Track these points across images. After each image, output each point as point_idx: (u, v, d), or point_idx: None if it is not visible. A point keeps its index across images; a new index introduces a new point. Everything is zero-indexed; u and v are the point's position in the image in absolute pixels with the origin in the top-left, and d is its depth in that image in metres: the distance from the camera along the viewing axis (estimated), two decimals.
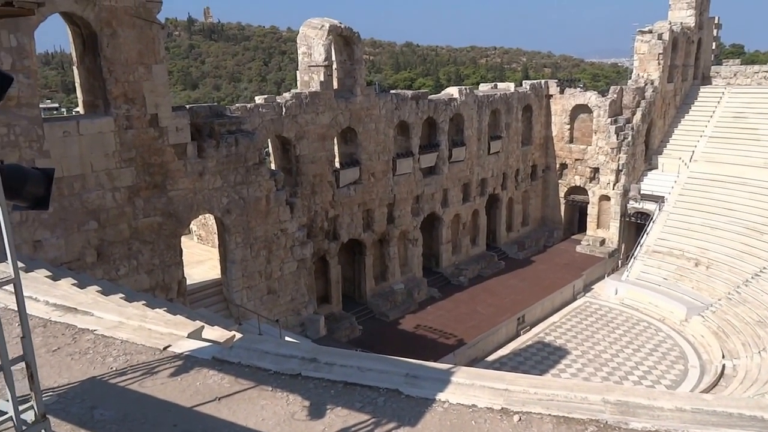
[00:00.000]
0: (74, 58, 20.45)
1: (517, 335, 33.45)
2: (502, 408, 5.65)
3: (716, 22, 51.00)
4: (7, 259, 4.27)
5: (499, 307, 34.90)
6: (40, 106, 19.32)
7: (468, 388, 6.08)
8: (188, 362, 6.82)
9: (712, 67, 50.65)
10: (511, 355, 31.54)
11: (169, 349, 7.22)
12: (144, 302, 13.30)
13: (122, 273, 20.35)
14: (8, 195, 5.55)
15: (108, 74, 19.12)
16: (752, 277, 33.68)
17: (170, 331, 7.88)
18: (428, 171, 37.21)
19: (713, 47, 51.27)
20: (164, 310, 12.01)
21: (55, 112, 78.04)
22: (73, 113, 32.27)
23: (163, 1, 20.21)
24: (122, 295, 13.49)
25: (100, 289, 13.72)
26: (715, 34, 51.14)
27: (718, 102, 46.93)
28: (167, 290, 21.53)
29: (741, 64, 52.09)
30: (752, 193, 38.67)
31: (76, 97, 22.12)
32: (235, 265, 23.58)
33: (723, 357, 29.85)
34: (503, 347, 32.22)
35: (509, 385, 6.08)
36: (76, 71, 20.55)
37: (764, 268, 33.68)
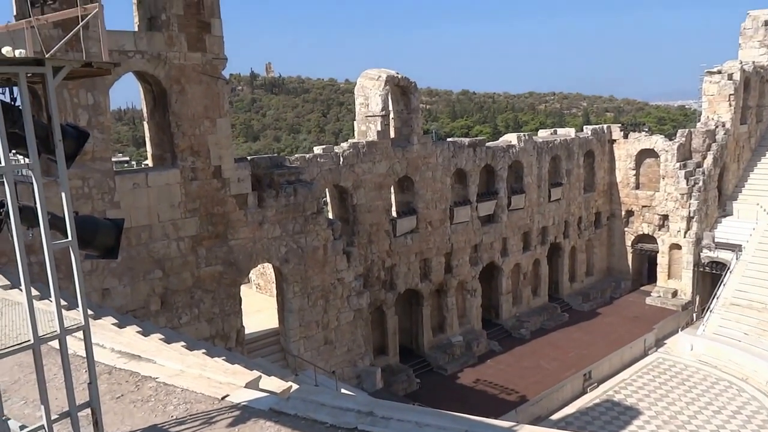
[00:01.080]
0: (145, 114, 21.56)
1: (584, 392, 31.68)
2: None
3: None
4: (78, 306, 4.34)
5: (563, 362, 33.31)
6: (112, 159, 20.32)
7: None
8: (246, 413, 6.78)
9: None
10: (578, 414, 29.80)
11: (227, 398, 7.23)
12: (204, 351, 13.41)
13: (184, 321, 20.71)
14: (81, 245, 5.72)
15: (176, 128, 20.00)
16: None
17: (229, 381, 7.92)
18: (487, 219, 36.67)
19: None
20: (223, 359, 12.08)
21: (125, 165, 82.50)
22: (143, 166, 33.85)
23: (227, 58, 21.17)
24: (183, 344, 13.65)
25: (162, 336, 13.95)
26: None
27: None
28: (226, 339, 21.72)
29: None
30: None
31: (146, 151, 23.20)
32: (292, 314, 23.60)
33: None
34: (569, 405, 30.52)
35: None
36: (146, 126, 21.62)
37: None
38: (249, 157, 23.87)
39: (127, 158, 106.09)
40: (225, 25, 21.00)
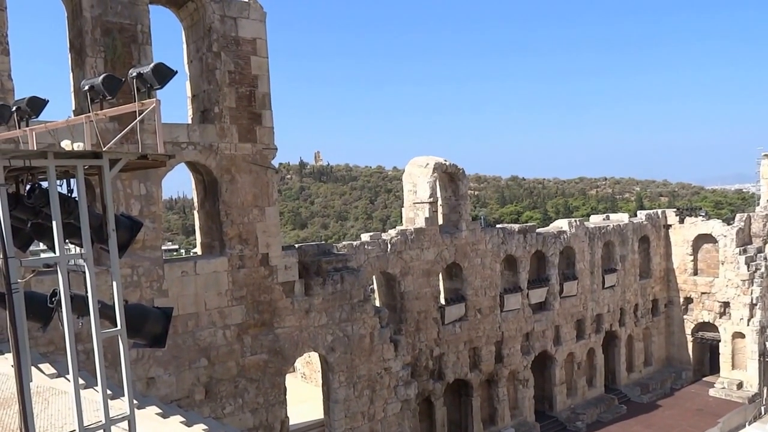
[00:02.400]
0: (195, 203, 22.16)
1: None
2: None
3: None
4: (123, 396, 4.22)
5: None
6: (162, 248, 20.77)
7: None
8: None
9: None
10: None
11: None
12: None
13: (228, 411, 20.26)
14: (129, 333, 5.69)
15: (225, 217, 20.42)
16: None
17: None
18: (538, 307, 35.50)
19: None
20: None
21: (174, 253, 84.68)
22: (192, 254, 34.59)
23: (277, 147, 21.82)
24: None
25: (206, 427, 13.62)
26: None
27: None
28: (270, 430, 21.09)
29: None
30: None
31: (195, 239, 23.69)
32: (338, 405, 22.83)
33: None
34: None
35: None
36: (196, 215, 22.17)
37: None
38: (297, 245, 24.05)
39: (176, 246, 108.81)
40: (275, 115, 21.79)
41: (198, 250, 22.66)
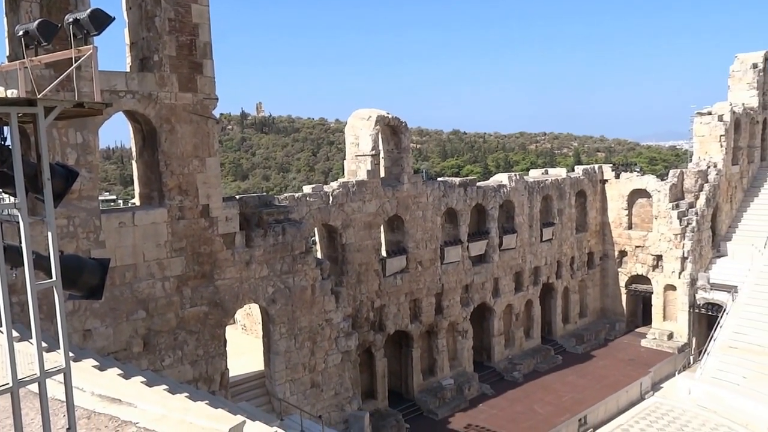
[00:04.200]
0: (134, 153, 21.42)
1: None
2: None
3: None
4: (58, 348, 4.22)
5: (557, 406, 32.61)
6: (99, 198, 20.07)
7: None
8: None
9: None
10: None
11: None
12: (187, 394, 13.05)
13: (167, 363, 20.13)
14: (65, 285, 5.57)
15: (164, 167, 19.86)
16: None
17: (212, 426, 7.81)
18: (478, 259, 36.42)
19: None
20: (206, 403, 11.78)
21: (112, 203, 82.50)
22: (130, 205, 33.55)
23: (218, 97, 21.21)
24: (166, 387, 13.32)
25: (144, 380, 13.62)
26: None
27: None
28: (210, 382, 21.11)
29: None
30: None
31: (133, 190, 22.98)
32: (278, 356, 23.03)
33: None
34: None
35: None
36: (134, 165, 21.47)
37: None
38: (238, 197, 23.66)
39: (114, 197, 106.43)
40: (217, 66, 21.19)
41: (136, 200, 22.02)
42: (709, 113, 44.05)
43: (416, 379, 32.76)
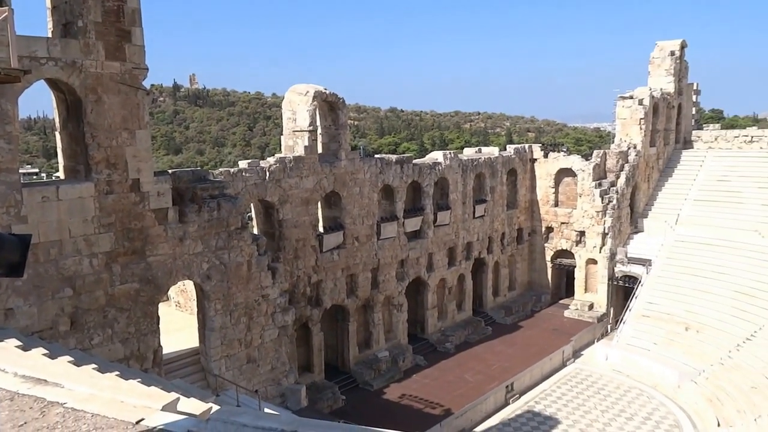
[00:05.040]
0: (57, 124, 20.42)
1: (506, 404, 32.44)
2: None
3: (695, 88, 52.83)
4: None
5: (487, 375, 34.01)
6: (20, 171, 19.08)
7: None
8: None
9: (693, 131, 52.07)
10: (500, 426, 30.45)
11: (142, 422, 6.93)
12: (117, 373, 12.80)
13: (96, 342, 19.59)
14: None
15: (91, 139, 19.04)
16: (744, 342, 33.31)
17: (144, 404, 7.62)
18: (413, 235, 37.08)
19: (693, 112, 52.86)
20: (138, 381, 11.61)
21: (34, 177, 78.11)
22: (53, 178, 32.02)
23: (148, 67, 20.43)
24: (95, 366, 13.01)
25: (72, 359, 13.24)
26: (694, 100, 52.88)
27: (701, 166, 47.97)
28: (142, 360, 20.71)
29: (721, 129, 53.56)
30: (741, 256, 38.84)
31: (57, 162, 21.94)
32: (213, 333, 22.83)
33: (718, 425, 29.03)
34: (492, 417, 31.15)
35: None
36: (58, 136, 20.47)
37: (755, 332, 33.39)
38: (170, 171, 23.01)
39: (37, 170, 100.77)
40: (147, 34, 20.34)
41: (61, 174, 21.04)
42: (631, 97, 46.23)
43: (352, 352, 33.27)
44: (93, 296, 19.37)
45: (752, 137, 48.15)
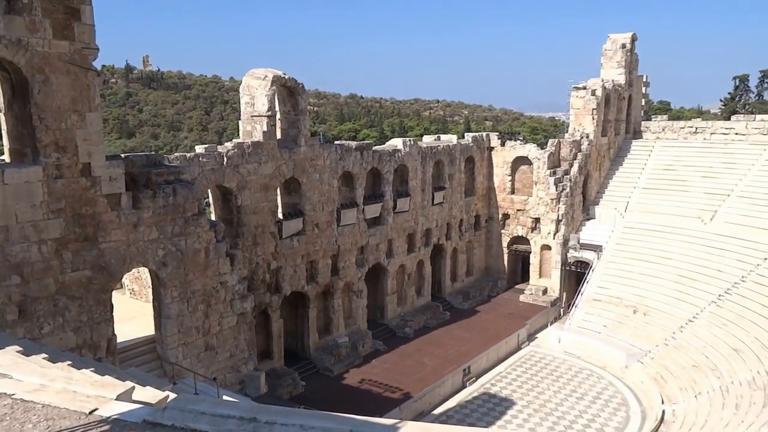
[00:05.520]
0: (1, 104, 19.58)
1: (464, 387, 33.08)
2: None
3: (645, 80, 54.34)
4: None
5: (445, 359, 34.57)
6: None
7: None
8: (116, 426, 6.43)
9: (642, 122, 53.58)
10: (458, 408, 31.07)
11: (95, 412, 6.81)
12: (69, 362, 12.48)
13: (46, 331, 19.03)
14: None
15: (38, 121, 18.35)
16: (686, 323, 34.79)
17: (97, 393, 7.50)
18: (373, 222, 37.20)
19: (642, 103, 54.39)
20: (91, 371, 11.38)
21: None
22: None
23: (99, 48, 19.77)
24: (45, 356, 12.65)
25: (20, 349, 12.83)
26: (644, 91, 54.37)
27: (649, 155, 49.51)
28: (95, 349, 20.24)
29: (668, 120, 55.34)
30: (684, 241, 40.43)
31: (2, 145, 21.07)
32: (170, 320, 22.49)
33: (662, 402, 30.33)
34: (450, 399, 31.73)
35: None
36: (2, 118, 19.63)
37: (697, 314, 34.89)
38: (123, 155, 22.38)
39: None
40: (97, 13, 19.60)
41: (6, 157, 20.21)
42: (584, 88, 47.31)
43: (312, 338, 33.30)
44: (42, 284, 18.78)
45: (697, 128, 49.95)
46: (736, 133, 47.27)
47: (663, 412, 29.19)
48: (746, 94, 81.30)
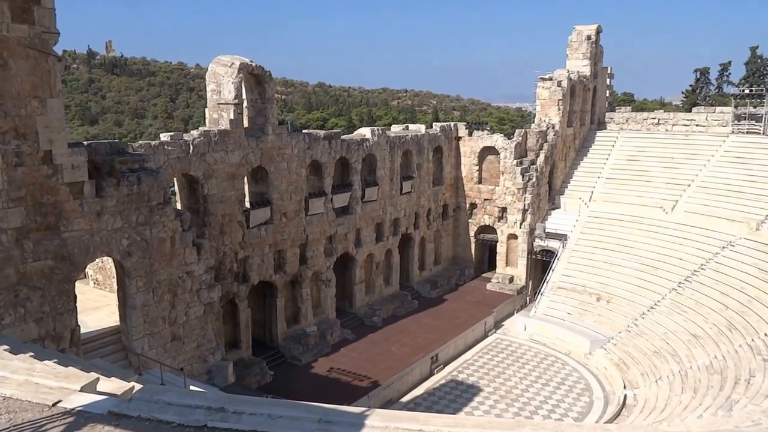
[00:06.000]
0: None
1: (431, 374, 33.50)
2: None
3: (609, 71, 55.29)
4: None
5: (413, 347, 34.91)
6: None
7: (382, 431, 5.90)
8: (81, 418, 6.41)
9: (607, 113, 54.62)
10: (426, 395, 31.47)
11: (59, 404, 6.75)
12: (32, 354, 12.23)
13: (7, 322, 18.58)
14: None
15: None
16: (648, 310, 35.81)
17: (61, 385, 7.42)
18: (341, 211, 37.18)
19: (607, 95, 55.38)
20: (54, 362, 11.17)
21: None
22: None
23: (60, 32, 19.23)
24: (6, 347, 12.39)
25: None
26: (608, 83, 55.35)
27: (613, 146, 50.53)
28: (59, 340, 19.85)
29: (632, 111, 56.47)
30: (646, 230, 41.52)
31: None
32: (135, 311, 22.16)
33: (624, 387, 31.25)
34: (418, 387, 32.12)
35: (423, 425, 5.96)
36: None
37: (658, 301, 35.94)
38: (86, 142, 21.88)
39: None
40: None
41: None
42: (550, 79, 47.93)
43: (280, 328, 33.24)
44: (3, 274, 18.30)
45: (659, 120, 51.16)
46: (697, 125, 48.59)
47: (625, 396, 30.09)
48: (707, 87, 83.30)
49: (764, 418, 16.76)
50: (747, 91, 49.40)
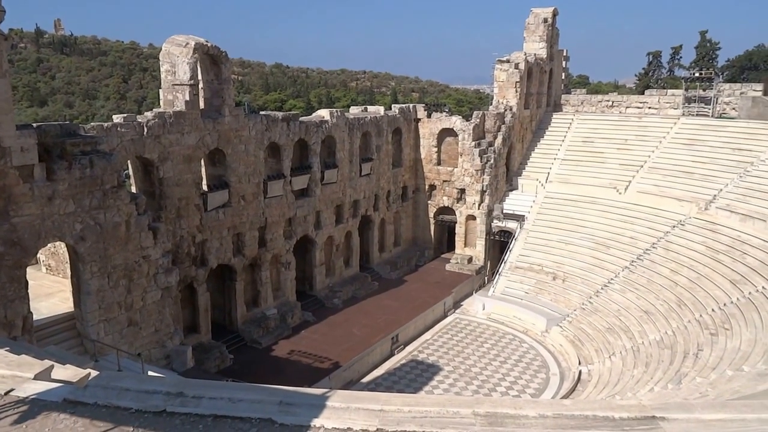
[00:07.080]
0: None
1: (392, 355, 33.94)
2: (378, 429, 5.64)
3: (565, 54, 56.14)
4: None
5: (373, 328, 35.23)
6: None
7: (343, 411, 6.03)
8: (35, 407, 6.33)
9: (563, 95, 55.51)
10: (386, 375, 31.90)
11: (12, 393, 6.65)
12: None
13: None
14: None
15: None
16: (602, 288, 36.97)
17: (13, 373, 7.32)
18: (301, 193, 36.98)
19: (563, 77, 56.28)
20: (6, 350, 10.89)
21: None
22: None
23: (6, 10, 18.43)
24: None
25: None
26: (564, 66, 56.20)
27: (569, 128, 51.52)
28: (10, 327, 19.33)
29: (587, 94, 57.59)
30: (600, 211, 42.69)
31: None
32: (90, 296, 21.72)
33: (579, 363, 32.32)
34: (378, 368, 32.52)
35: (384, 405, 6.09)
36: None
37: (611, 279, 37.13)
38: (35, 124, 21.15)
39: None
40: None
41: None
42: (508, 61, 48.40)
43: (240, 311, 33.04)
44: None
45: (613, 102, 52.37)
46: (649, 107, 49.93)
47: (580, 372, 31.14)
48: (659, 70, 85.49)
49: (711, 390, 17.65)
50: (697, 75, 50.85)
